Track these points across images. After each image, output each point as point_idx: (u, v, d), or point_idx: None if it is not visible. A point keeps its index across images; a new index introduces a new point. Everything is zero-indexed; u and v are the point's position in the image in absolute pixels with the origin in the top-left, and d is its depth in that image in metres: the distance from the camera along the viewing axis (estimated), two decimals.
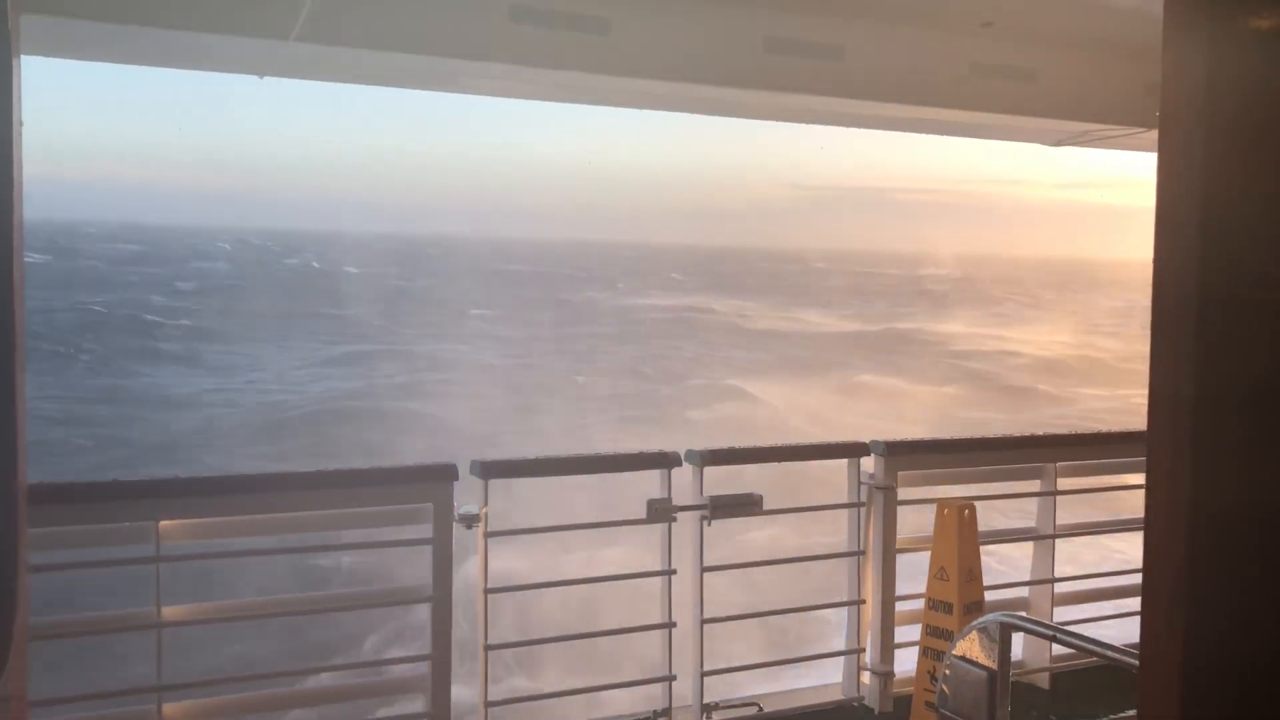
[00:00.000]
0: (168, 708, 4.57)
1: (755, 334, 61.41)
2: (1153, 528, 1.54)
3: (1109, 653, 3.04)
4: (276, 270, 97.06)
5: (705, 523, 5.57)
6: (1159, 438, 1.52)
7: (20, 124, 2.30)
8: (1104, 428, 7.85)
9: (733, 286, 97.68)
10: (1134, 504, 6.11)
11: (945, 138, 7.63)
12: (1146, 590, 1.55)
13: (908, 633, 6.07)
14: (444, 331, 59.65)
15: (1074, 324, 68.03)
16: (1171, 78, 1.50)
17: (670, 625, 5.60)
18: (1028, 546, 6.62)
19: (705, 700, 5.63)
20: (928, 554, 5.80)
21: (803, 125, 7.39)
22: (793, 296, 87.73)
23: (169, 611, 4.65)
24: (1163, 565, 1.53)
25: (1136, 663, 2.88)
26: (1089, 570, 7.09)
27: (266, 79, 5.60)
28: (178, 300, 68.93)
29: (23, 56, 2.46)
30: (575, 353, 52.15)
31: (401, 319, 64.42)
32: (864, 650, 6.02)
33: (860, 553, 6.01)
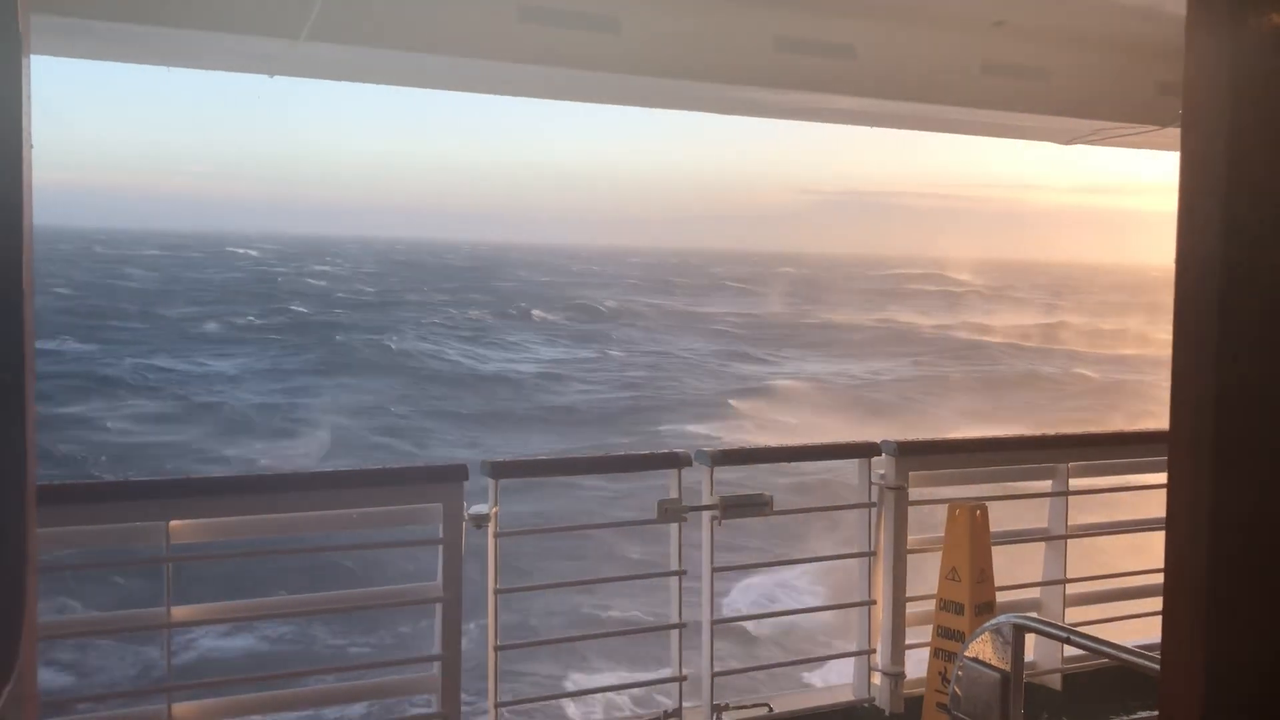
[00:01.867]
0: (177, 708, 4.57)
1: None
2: (1175, 529, 1.52)
3: (1125, 655, 3.01)
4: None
5: (716, 523, 5.56)
6: (1181, 437, 1.50)
7: (30, 138, 2.29)
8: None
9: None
10: (1146, 504, 6.08)
11: (956, 140, 7.61)
12: (1168, 593, 1.52)
13: (919, 634, 6.05)
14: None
15: None
16: (1194, 75, 1.48)
17: (680, 626, 5.59)
18: (1039, 547, 6.59)
19: (715, 701, 5.61)
20: (939, 554, 5.77)
21: (812, 130, 7.41)
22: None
23: (179, 611, 4.64)
24: (1185, 567, 1.51)
25: (1153, 665, 2.86)
26: (1099, 572, 7.05)
27: (276, 78, 5.59)
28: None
29: (32, 56, 2.45)
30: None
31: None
32: (875, 651, 5.99)
33: (871, 553, 5.98)
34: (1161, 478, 1.74)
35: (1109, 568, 6.93)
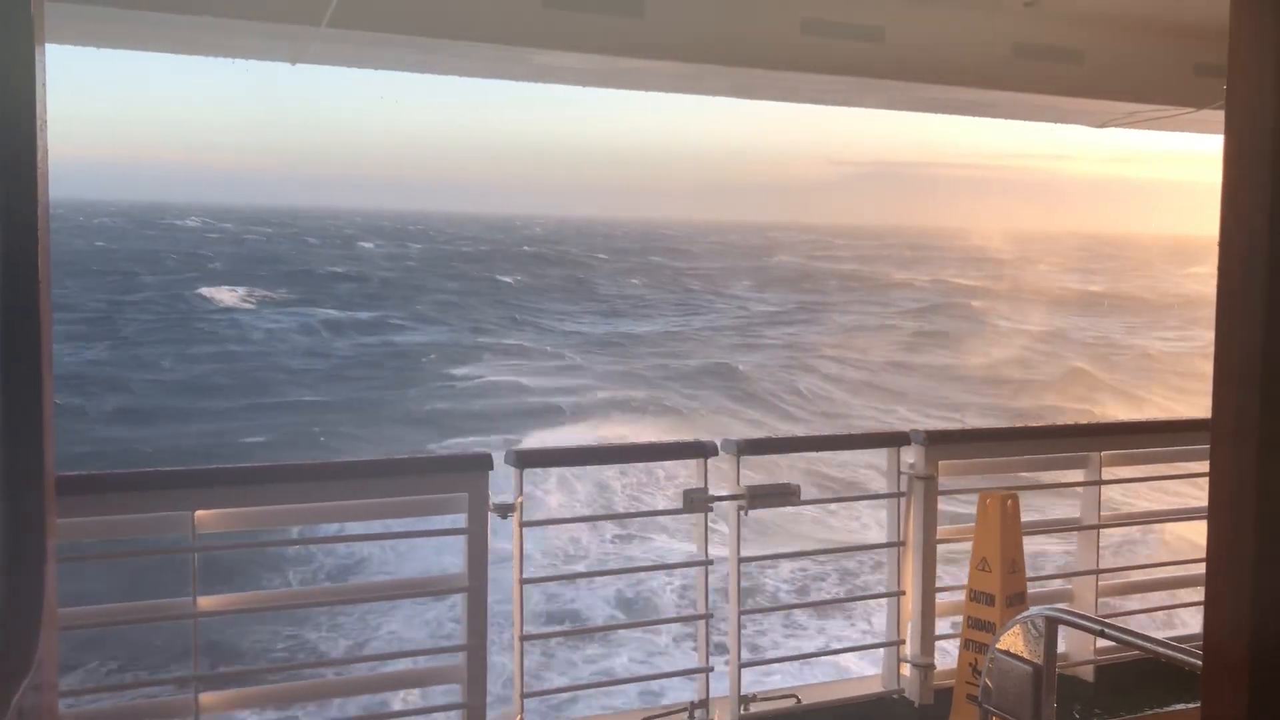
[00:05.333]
0: (205, 697, 4.57)
1: None
2: (1217, 517, 1.47)
3: (1162, 649, 2.94)
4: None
5: (742, 513, 5.51)
6: (1225, 422, 1.44)
7: (46, 127, 2.25)
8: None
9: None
10: (1180, 495, 5.98)
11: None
12: (1211, 584, 1.47)
13: (948, 625, 5.98)
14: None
15: None
16: (1239, 55, 1.43)
17: (707, 616, 5.55)
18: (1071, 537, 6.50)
19: (743, 692, 5.57)
20: (969, 545, 5.71)
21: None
22: None
23: (205, 601, 4.64)
24: (1228, 558, 1.45)
25: (1190, 658, 2.79)
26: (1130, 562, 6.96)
27: (298, 65, 5.55)
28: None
29: (47, 45, 2.41)
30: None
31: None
32: (904, 642, 5.93)
33: (900, 543, 5.92)
34: (1197, 467, 1.69)
35: (1143, 558, 6.84)
